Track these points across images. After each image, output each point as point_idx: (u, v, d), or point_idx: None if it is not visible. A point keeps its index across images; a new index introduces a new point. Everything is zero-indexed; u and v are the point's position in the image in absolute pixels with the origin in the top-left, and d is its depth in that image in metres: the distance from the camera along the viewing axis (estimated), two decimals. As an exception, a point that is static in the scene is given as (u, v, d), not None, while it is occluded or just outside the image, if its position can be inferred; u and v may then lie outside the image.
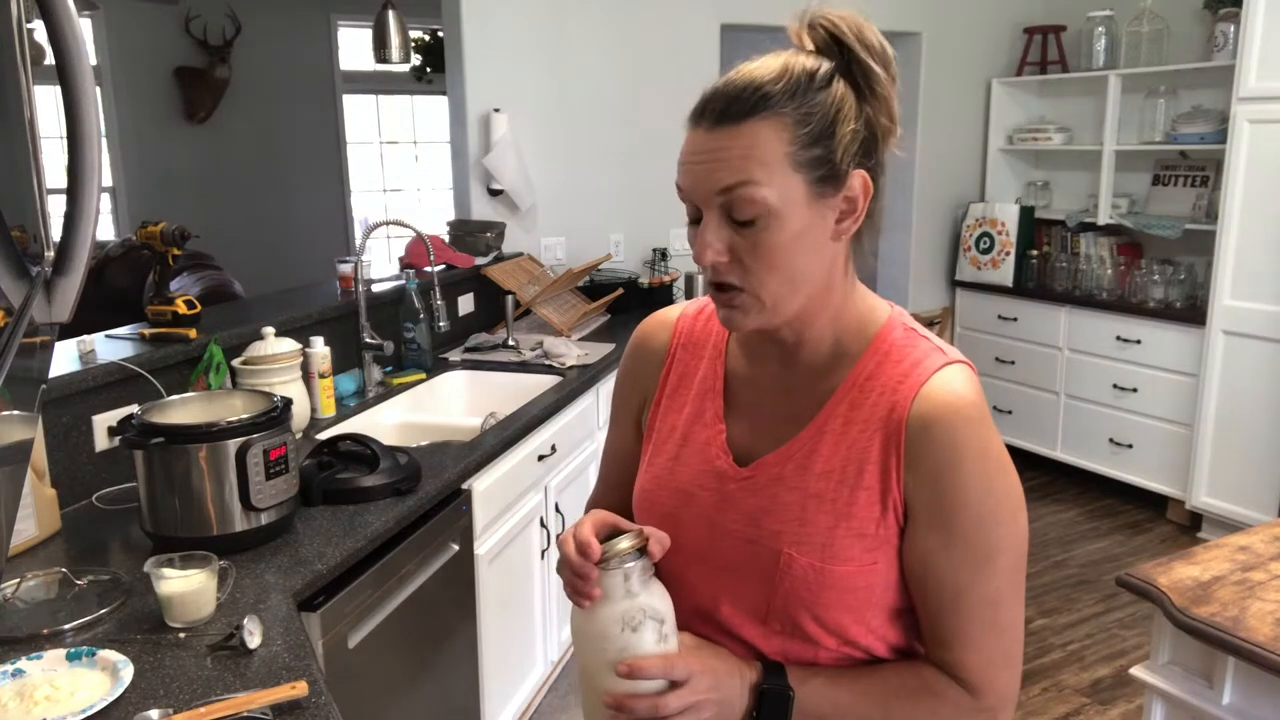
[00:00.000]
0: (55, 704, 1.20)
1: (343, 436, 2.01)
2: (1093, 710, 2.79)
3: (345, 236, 7.10)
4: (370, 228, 3.13)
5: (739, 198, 0.84)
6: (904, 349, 0.92)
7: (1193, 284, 4.10)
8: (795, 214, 0.85)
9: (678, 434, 1.01)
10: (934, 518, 0.88)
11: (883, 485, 0.89)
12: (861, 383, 0.92)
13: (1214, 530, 3.83)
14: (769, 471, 0.94)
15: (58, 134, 0.91)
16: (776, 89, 0.85)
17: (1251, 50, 3.53)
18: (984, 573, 0.89)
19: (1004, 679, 0.92)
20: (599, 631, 0.86)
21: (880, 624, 0.94)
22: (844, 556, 0.89)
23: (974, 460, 0.87)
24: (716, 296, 0.90)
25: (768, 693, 0.88)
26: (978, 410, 0.88)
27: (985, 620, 0.90)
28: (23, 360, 0.93)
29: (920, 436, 0.87)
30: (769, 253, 0.86)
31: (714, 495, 0.96)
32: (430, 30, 6.44)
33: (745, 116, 0.84)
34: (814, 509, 0.91)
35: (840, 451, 0.91)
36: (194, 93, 6.36)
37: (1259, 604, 1.49)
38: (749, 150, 0.84)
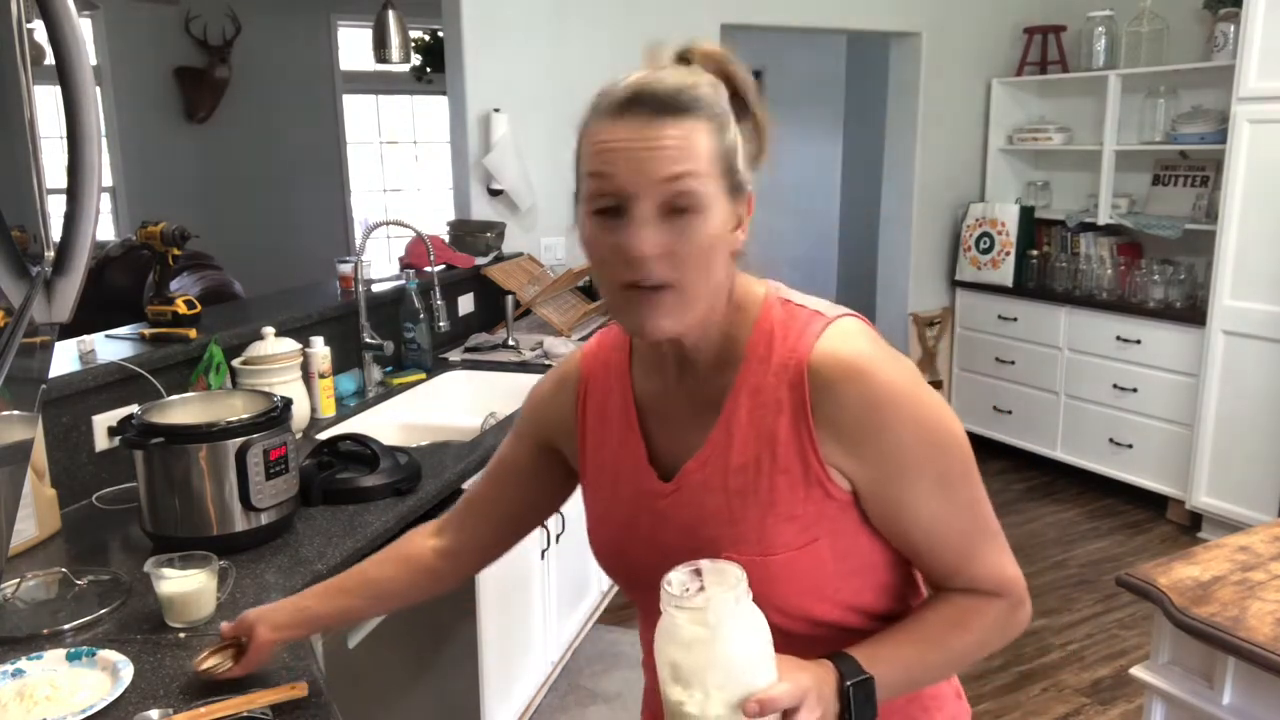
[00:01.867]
0: (55, 704, 1.20)
1: (343, 436, 2.01)
2: (1093, 710, 2.79)
3: (345, 236, 7.10)
4: (370, 228, 3.13)
5: (683, 188, 0.84)
6: (786, 324, 0.92)
7: (1193, 284, 4.10)
8: (718, 212, 0.87)
9: (608, 470, 1.02)
10: (885, 472, 0.89)
11: (801, 463, 0.89)
12: (756, 368, 0.92)
13: (1214, 530, 3.82)
14: (691, 479, 0.95)
15: (58, 134, 0.91)
16: (703, 94, 0.87)
17: (1251, 50, 3.53)
18: (953, 492, 0.91)
19: (1011, 568, 0.95)
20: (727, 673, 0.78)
21: (845, 596, 0.95)
22: (780, 544, 0.90)
23: (891, 406, 0.88)
24: (633, 298, 0.87)
25: (854, 687, 0.86)
26: (871, 355, 0.89)
27: (973, 532, 0.93)
28: (23, 360, 0.92)
29: (828, 403, 0.88)
30: (699, 246, 0.86)
31: (649, 516, 0.97)
32: (430, 30, 6.44)
33: (684, 112, 0.85)
34: (739, 506, 0.91)
35: (751, 442, 0.91)
36: (194, 93, 6.36)
37: (1259, 604, 1.49)
38: (691, 144, 0.85)
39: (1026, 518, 4.17)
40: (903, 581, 1.00)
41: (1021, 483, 4.56)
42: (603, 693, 2.86)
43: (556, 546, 2.70)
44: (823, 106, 6.39)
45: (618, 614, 3.31)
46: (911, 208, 4.87)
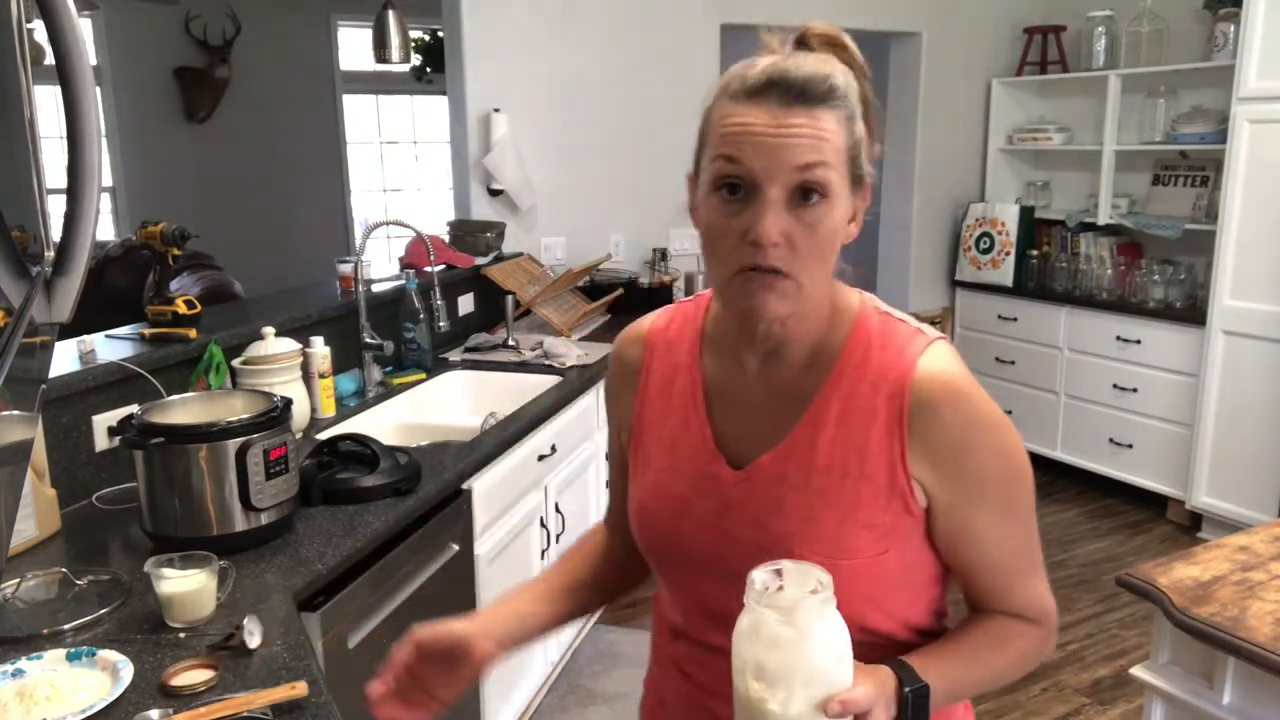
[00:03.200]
0: (55, 704, 1.20)
1: (343, 436, 2.01)
2: (1093, 710, 2.79)
3: (345, 236, 7.10)
4: (370, 228, 3.13)
5: (816, 178, 0.84)
6: (885, 335, 0.93)
7: (1193, 284, 4.10)
8: (841, 204, 0.87)
9: (665, 444, 1.01)
10: (964, 493, 0.91)
11: (888, 473, 0.90)
12: (851, 373, 0.92)
13: (1214, 530, 3.82)
14: (767, 472, 0.94)
15: (58, 134, 0.91)
16: (838, 84, 0.86)
17: (1251, 50, 3.53)
18: (1016, 522, 0.95)
19: (1050, 599, 0.99)
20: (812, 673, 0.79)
21: (898, 608, 0.96)
22: (855, 549, 0.91)
23: (985, 432, 0.91)
24: (754, 282, 0.86)
25: (912, 695, 0.87)
26: (970, 382, 0.91)
27: (1027, 561, 0.97)
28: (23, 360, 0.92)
29: (927, 420, 0.89)
30: (821, 238, 0.86)
31: (714, 501, 0.96)
32: (430, 30, 6.44)
33: (819, 102, 0.85)
34: (820, 505, 0.91)
35: (839, 444, 0.91)
36: (194, 93, 6.36)
37: (1259, 604, 1.49)
38: (824, 133, 0.85)
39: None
40: (942, 601, 1.02)
41: (1021, 483, 4.56)
42: (603, 693, 2.86)
43: (556, 546, 2.70)
44: (823, 106, 6.39)
45: (618, 614, 3.32)
46: (911, 208, 4.87)
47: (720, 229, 0.87)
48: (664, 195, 4.15)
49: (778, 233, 0.84)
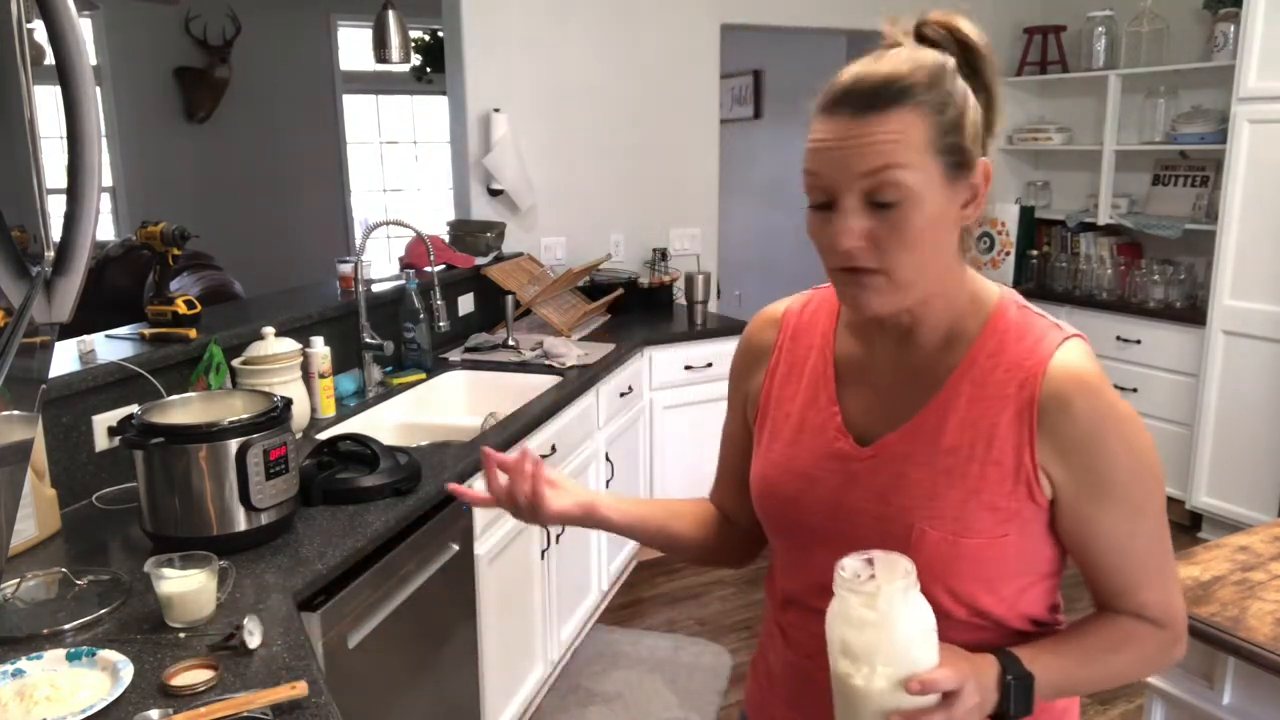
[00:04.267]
0: (55, 704, 1.20)
1: (343, 436, 2.01)
2: (1093, 710, 2.78)
3: (345, 236, 7.10)
4: (370, 228, 3.13)
5: (884, 181, 0.87)
6: (1022, 327, 0.96)
7: (1193, 284, 4.10)
8: (933, 197, 0.89)
9: (793, 420, 1.04)
10: (1091, 487, 0.93)
11: (1015, 459, 0.92)
12: (984, 360, 0.95)
13: (1214, 530, 3.83)
14: (893, 450, 0.97)
15: (58, 134, 0.91)
16: (916, 80, 0.89)
17: (1251, 50, 3.53)
18: (1144, 521, 0.95)
19: (1179, 603, 0.99)
20: (893, 653, 0.84)
21: (1010, 593, 0.97)
22: (976, 529, 0.92)
23: (1115, 428, 0.92)
24: (847, 279, 0.92)
25: (1015, 683, 0.90)
26: (1103, 380, 0.93)
27: (1155, 561, 0.97)
28: (23, 360, 0.93)
29: (1058, 411, 0.91)
30: (907, 235, 0.88)
31: (837, 476, 0.99)
32: (430, 30, 6.44)
33: (889, 105, 0.88)
34: (944, 484, 0.93)
35: (968, 427, 0.94)
36: (194, 93, 6.36)
37: (1259, 604, 1.49)
38: (895, 136, 0.87)
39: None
40: (1056, 595, 1.04)
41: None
42: (602, 693, 2.86)
43: (557, 547, 2.70)
44: (823, 106, 6.38)
45: (618, 614, 3.31)
46: (911, 208, 4.87)
47: (817, 239, 0.93)
48: (664, 195, 4.15)
49: (855, 238, 0.89)
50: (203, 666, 1.28)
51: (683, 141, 4.17)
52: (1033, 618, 1.00)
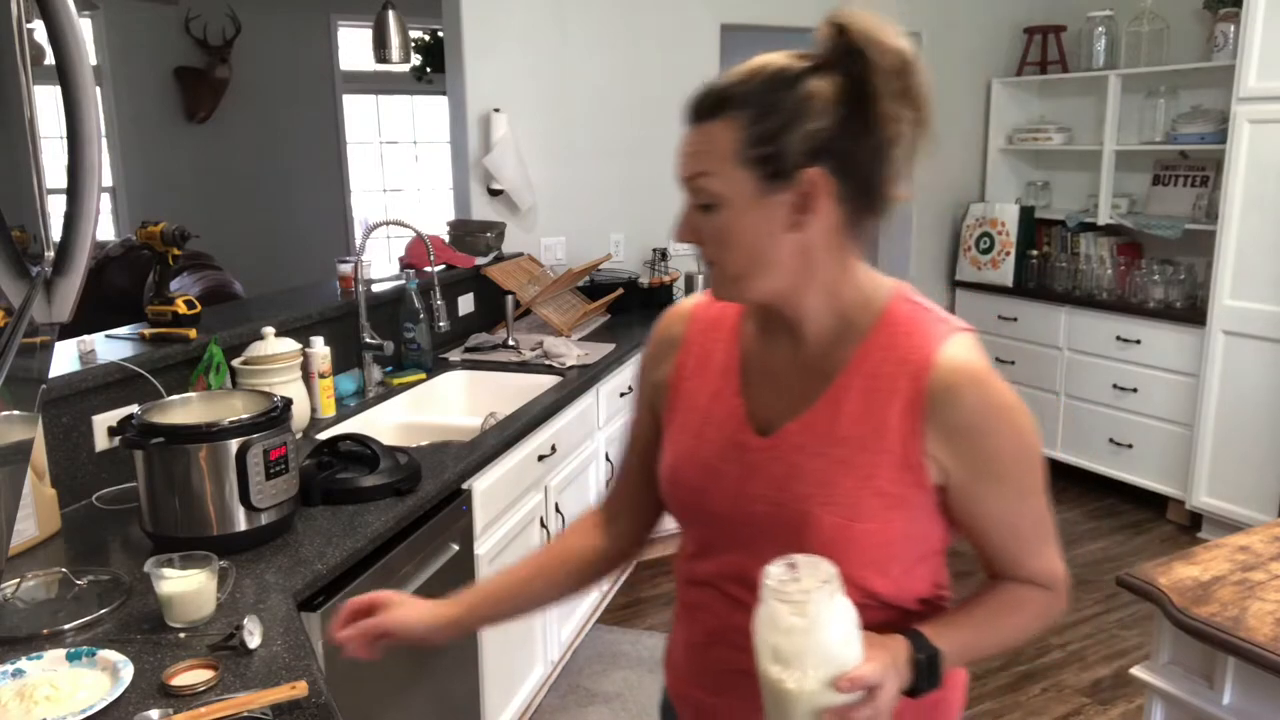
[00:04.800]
0: (55, 704, 1.20)
1: (343, 436, 2.01)
2: (1093, 710, 2.79)
3: (345, 236, 7.10)
4: (370, 228, 3.13)
5: (695, 187, 0.96)
6: (912, 322, 1.00)
7: (1193, 284, 4.10)
8: (742, 204, 0.94)
9: (699, 412, 1.09)
10: (979, 472, 0.98)
11: (904, 448, 0.97)
12: (876, 354, 0.99)
13: (1214, 530, 3.82)
14: (790, 440, 1.01)
15: (58, 134, 0.91)
16: (736, 92, 0.94)
17: (1251, 50, 3.53)
18: (1029, 500, 1.02)
19: (1060, 566, 1.07)
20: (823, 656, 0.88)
21: (899, 574, 1.02)
22: (867, 515, 0.97)
23: (1000, 417, 0.97)
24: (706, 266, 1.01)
25: (924, 660, 0.95)
26: (988, 372, 0.98)
27: (1039, 533, 1.04)
28: (23, 360, 0.93)
29: (946, 403, 0.96)
30: (721, 234, 0.96)
31: (739, 466, 1.04)
32: (430, 30, 6.44)
33: (706, 117, 0.95)
34: (838, 472, 0.98)
35: (860, 418, 0.98)
36: (194, 93, 6.36)
37: (1259, 604, 1.49)
38: (705, 146, 0.95)
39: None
40: (942, 573, 1.09)
41: (1021, 483, 4.56)
42: (602, 693, 2.86)
43: (556, 546, 2.69)
44: (823, 106, 6.38)
45: (618, 614, 3.32)
46: (911, 208, 4.87)
47: None
48: (664, 195, 4.14)
49: (682, 233, 0.99)
50: (203, 666, 1.28)
51: (683, 141, 4.17)
52: (919, 596, 1.06)
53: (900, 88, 0.93)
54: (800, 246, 0.97)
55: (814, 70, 0.94)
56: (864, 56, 0.92)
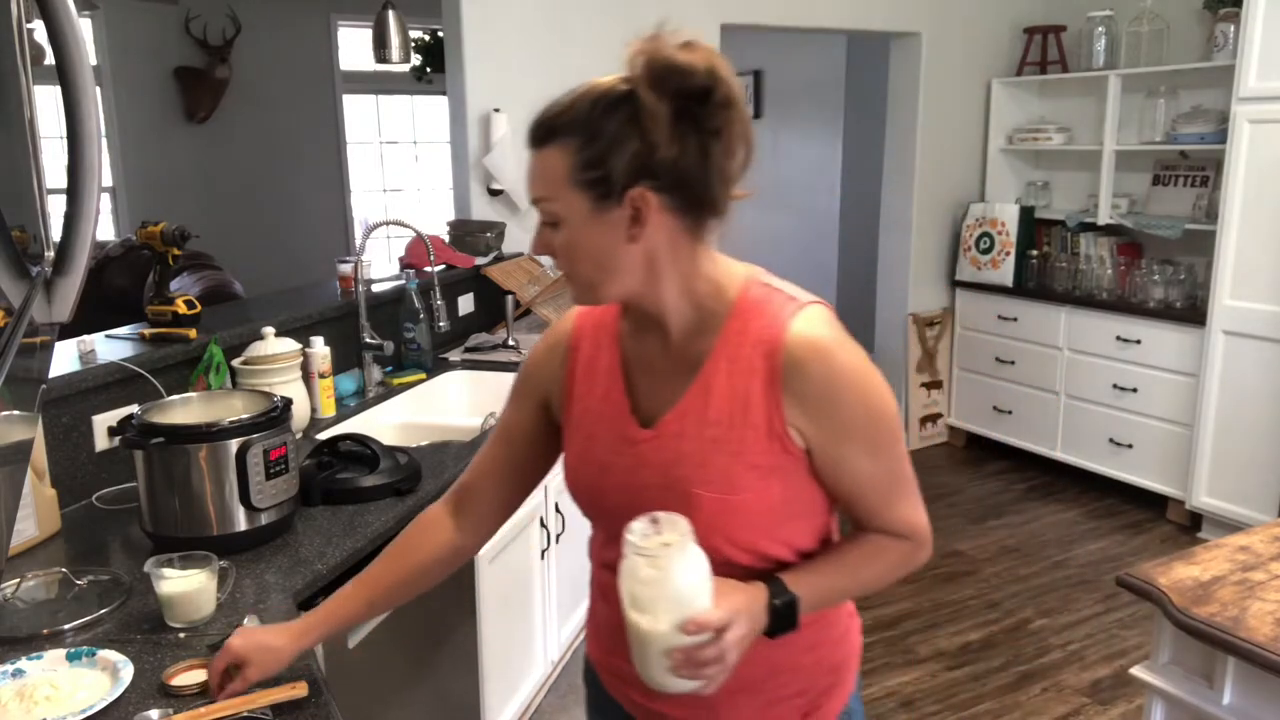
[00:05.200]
0: (55, 704, 1.20)
1: (343, 436, 2.01)
2: (1093, 710, 2.79)
3: (345, 236, 7.10)
4: (370, 228, 3.13)
5: (542, 209, 1.04)
6: (763, 304, 1.08)
7: (1193, 284, 4.10)
8: (580, 222, 1.02)
9: (591, 414, 1.17)
10: (833, 435, 1.07)
11: (767, 421, 1.06)
12: (733, 339, 1.08)
13: (1214, 530, 3.83)
14: (669, 428, 1.10)
15: (58, 134, 0.91)
16: (561, 122, 1.02)
17: (1251, 50, 3.53)
18: (884, 454, 1.10)
19: (921, 516, 1.15)
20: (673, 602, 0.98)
21: (785, 535, 1.11)
22: (742, 486, 1.06)
23: (848, 382, 1.06)
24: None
25: (780, 605, 1.04)
26: (835, 339, 1.06)
27: (896, 486, 1.13)
28: (23, 360, 0.93)
29: (797, 376, 1.04)
30: (567, 249, 1.04)
31: (628, 459, 1.12)
32: (430, 30, 6.44)
33: (541, 144, 1.03)
34: (711, 451, 1.07)
35: (727, 399, 1.07)
36: (194, 93, 6.36)
37: (1259, 604, 1.49)
38: (543, 172, 1.03)
39: (1026, 518, 4.17)
40: (829, 527, 1.18)
41: (1021, 483, 4.56)
42: (603, 693, 2.85)
43: (556, 546, 2.70)
44: (823, 106, 6.39)
45: (618, 614, 3.31)
46: (911, 208, 4.87)
47: None
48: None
49: (538, 245, 1.06)
50: (203, 666, 1.28)
51: (683, 141, 4.16)
52: (808, 552, 1.14)
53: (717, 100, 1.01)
54: (643, 254, 1.04)
55: (632, 94, 1.01)
56: (673, 77, 1.01)
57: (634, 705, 1.24)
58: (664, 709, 1.19)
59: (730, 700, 1.14)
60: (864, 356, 1.08)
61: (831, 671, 1.21)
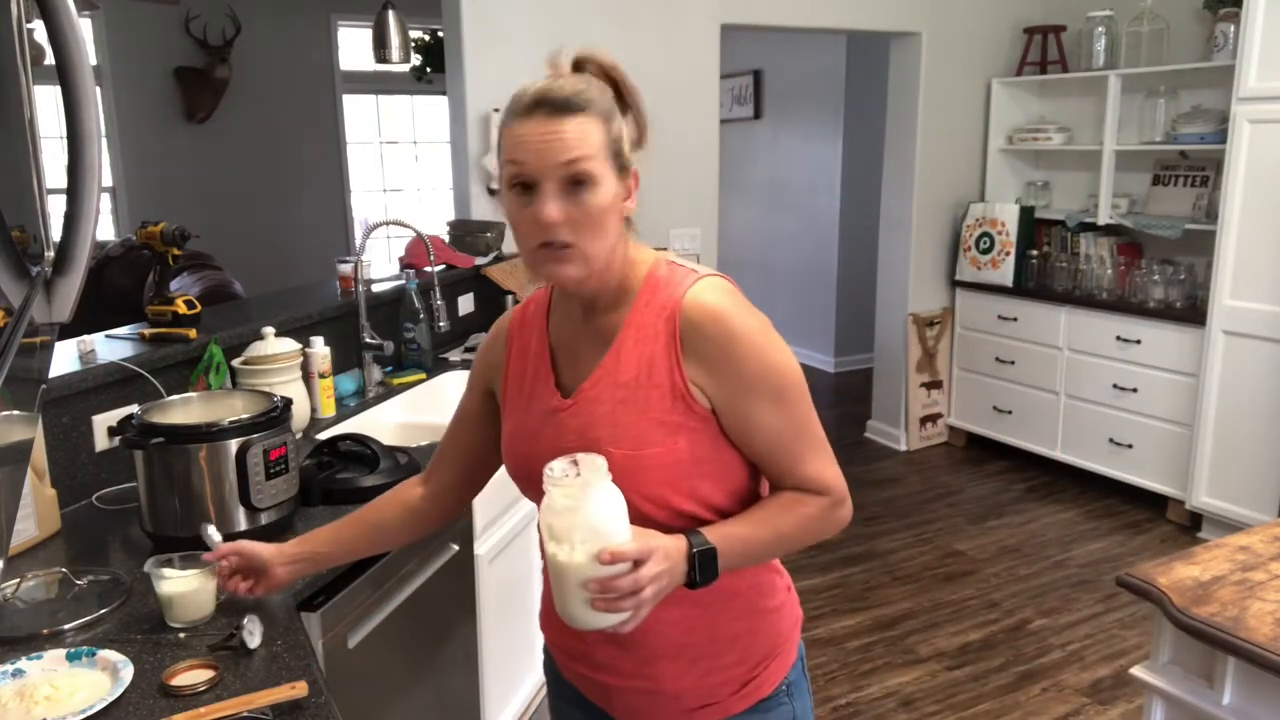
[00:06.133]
0: (55, 704, 1.20)
1: (343, 436, 2.01)
2: (1093, 710, 2.79)
3: (345, 236, 7.10)
4: (370, 228, 3.13)
5: (579, 169, 1.10)
6: (670, 278, 1.20)
7: (1193, 284, 4.10)
8: (609, 187, 1.13)
9: (524, 394, 1.28)
10: (734, 392, 1.15)
11: (670, 380, 1.15)
12: (642, 309, 1.19)
13: (1214, 530, 3.83)
14: (587, 395, 1.20)
15: (58, 134, 0.91)
16: (594, 96, 1.13)
17: (1251, 50, 3.53)
18: (786, 408, 1.17)
19: (834, 473, 1.22)
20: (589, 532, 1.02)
21: (696, 490, 1.17)
22: (651, 442, 1.15)
23: (741, 340, 1.15)
24: (545, 255, 1.13)
25: (700, 553, 1.10)
26: (729, 304, 1.16)
27: (805, 442, 1.20)
28: (23, 360, 0.93)
29: (694, 337, 1.15)
30: (594, 215, 1.11)
31: (553, 427, 1.22)
32: (430, 30, 6.44)
33: (577, 111, 1.11)
34: (621, 411, 1.16)
35: (635, 363, 1.17)
36: (194, 93, 6.36)
37: (1259, 604, 1.49)
38: (584, 135, 1.10)
39: (1026, 518, 4.17)
40: (749, 491, 1.24)
41: (1022, 483, 4.57)
42: (603, 693, 2.85)
43: (556, 546, 2.69)
44: (823, 106, 6.39)
45: (618, 614, 3.31)
46: (911, 208, 4.87)
47: (517, 217, 1.14)
48: (663, 195, 4.15)
49: (556, 214, 1.10)
50: (203, 666, 1.28)
51: (683, 142, 4.17)
52: (724, 511, 1.20)
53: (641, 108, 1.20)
54: (618, 226, 1.16)
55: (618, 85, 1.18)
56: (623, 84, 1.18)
57: (582, 680, 1.31)
58: (607, 679, 1.26)
59: (670, 668, 1.22)
60: (762, 319, 1.18)
61: (770, 642, 1.28)
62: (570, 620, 1.06)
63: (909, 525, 4.11)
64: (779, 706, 1.29)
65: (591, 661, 1.27)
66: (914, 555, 3.82)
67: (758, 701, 1.27)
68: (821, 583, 3.57)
